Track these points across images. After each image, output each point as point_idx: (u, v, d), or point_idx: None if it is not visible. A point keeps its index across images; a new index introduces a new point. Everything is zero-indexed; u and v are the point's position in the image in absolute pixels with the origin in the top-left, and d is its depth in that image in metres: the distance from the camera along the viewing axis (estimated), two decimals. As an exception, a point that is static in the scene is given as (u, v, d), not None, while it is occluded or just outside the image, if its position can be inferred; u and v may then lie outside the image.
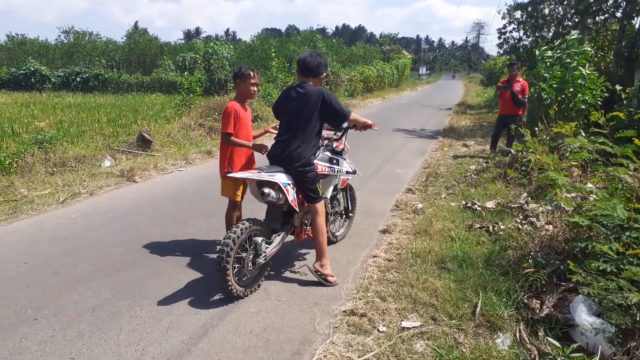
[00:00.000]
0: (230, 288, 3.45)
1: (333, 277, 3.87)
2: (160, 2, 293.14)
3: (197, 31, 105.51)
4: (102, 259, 4.32)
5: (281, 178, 3.65)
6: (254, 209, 4.91)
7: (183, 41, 47.37)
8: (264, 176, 3.59)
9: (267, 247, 3.64)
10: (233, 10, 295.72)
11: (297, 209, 3.82)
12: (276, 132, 4.08)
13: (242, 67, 4.12)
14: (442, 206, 5.74)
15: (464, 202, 5.76)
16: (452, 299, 3.50)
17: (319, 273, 3.83)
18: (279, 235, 3.84)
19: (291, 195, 3.69)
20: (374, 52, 39.26)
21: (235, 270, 3.51)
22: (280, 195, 3.66)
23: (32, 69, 25.68)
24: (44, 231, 5.08)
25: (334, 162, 4.26)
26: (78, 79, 25.72)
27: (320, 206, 3.86)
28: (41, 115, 13.15)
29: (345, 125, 4.22)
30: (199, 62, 24.02)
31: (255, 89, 4.18)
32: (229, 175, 3.73)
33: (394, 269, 4.09)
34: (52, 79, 25.86)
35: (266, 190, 3.61)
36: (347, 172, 4.44)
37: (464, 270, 3.94)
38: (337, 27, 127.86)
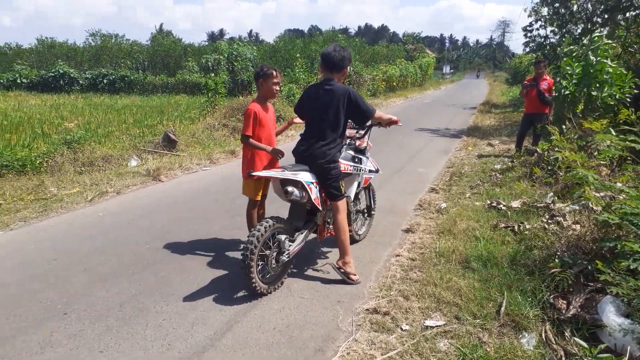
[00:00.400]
0: (254, 285, 3.48)
1: (356, 275, 3.87)
2: (184, 5, 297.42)
3: (221, 33, 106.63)
4: (129, 256, 4.41)
5: (305, 176, 3.67)
6: (277, 207, 4.94)
7: (207, 43, 47.94)
8: (288, 175, 3.62)
9: (290, 245, 3.66)
10: (256, 12, 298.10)
11: (320, 208, 3.83)
12: (300, 121, 4.11)
13: (264, 67, 4.15)
14: (466, 205, 5.68)
15: (488, 202, 5.69)
16: (476, 298, 3.46)
17: (342, 270, 3.84)
18: (302, 233, 3.85)
19: (314, 193, 3.70)
20: (396, 52, 39.06)
21: (259, 267, 3.55)
22: (304, 193, 3.67)
23: (61, 72, 26.32)
24: (72, 229, 5.21)
25: (357, 160, 4.26)
26: (105, 81, 26.27)
27: (342, 204, 3.86)
28: (70, 117, 13.47)
29: (368, 123, 4.21)
30: (223, 63, 24.28)
31: (278, 88, 4.20)
32: (255, 173, 3.77)
33: (417, 268, 4.07)
34: (80, 81, 26.46)
35: (289, 188, 3.63)
36: (370, 171, 4.44)
37: (488, 269, 3.89)
38: (359, 27, 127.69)
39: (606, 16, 13.81)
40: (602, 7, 13.82)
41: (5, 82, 26.12)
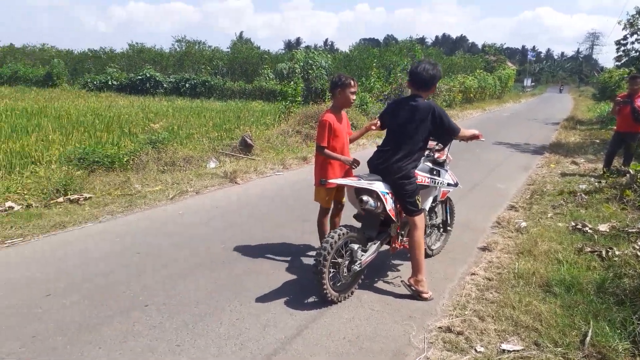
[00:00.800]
0: (325, 292, 3.48)
1: (428, 293, 3.76)
2: (264, 14, 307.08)
3: (298, 41, 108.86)
4: (205, 254, 4.57)
5: (380, 187, 3.63)
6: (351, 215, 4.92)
7: (283, 51, 49.16)
8: (363, 184, 3.60)
9: (362, 255, 3.63)
10: (333, 21, 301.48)
11: (395, 219, 3.77)
12: (375, 129, 4.09)
13: (342, 76, 4.15)
14: (548, 226, 5.37)
15: (572, 224, 5.35)
16: (558, 325, 3.25)
17: (413, 288, 3.75)
18: (374, 243, 3.81)
19: (389, 204, 3.65)
20: (475, 62, 37.98)
21: (331, 274, 3.55)
22: (379, 203, 3.63)
23: (148, 75, 28.01)
24: (154, 224, 5.49)
25: (435, 173, 4.16)
26: (187, 85, 27.62)
27: (419, 220, 3.77)
28: (154, 118, 14.27)
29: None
30: (297, 71, 24.75)
31: (354, 97, 4.20)
32: (331, 181, 3.78)
33: (494, 288, 3.89)
34: (164, 85, 28.01)
35: (364, 197, 3.61)
36: (449, 184, 4.31)
37: (572, 295, 3.65)
38: (436, 37, 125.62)
39: None
40: None
41: (98, 83, 28.21)
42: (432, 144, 4.23)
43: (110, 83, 28.26)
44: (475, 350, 3.01)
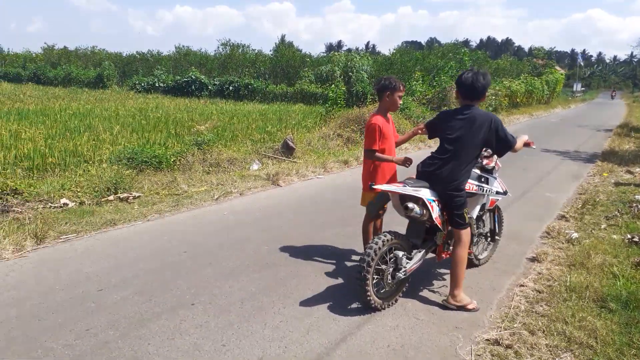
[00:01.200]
0: (368, 298, 3.45)
1: (472, 303, 3.66)
2: (306, 17, 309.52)
3: (339, 44, 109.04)
4: (249, 255, 4.62)
5: (426, 194, 3.55)
6: (399, 222, 4.87)
7: (325, 54, 49.30)
8: (409, 190, 3.54)
9: (407, 262, 3.58)
10: (375, 24, 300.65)
11: (441, 227, 3.69)
12: (421, 132, 4.05)
13: (391, 79, 4.12)
14: (602, 238, 5.15)
15: (629, 236, 5.10)
16: (614, 342, 3.10)
17: (451, 306, 3.66)
18: (419, 251, 3.74)
19: (436, 212, 3.57)
20: (521, 66, 36.96)
21: (375, 281, 3.51)
22: (424, 211, 3.56)
23: (193, 78, 28.67)
24: (200, 224, 5.60)
25: (483, 180, 4.04)
26: (230, 88, 28.10)
27: (465, 234, 3.67)
28: (199, 119, 14.59)
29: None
30: (338, 74, 24.75)
31: (401, 101, 4.17)
32: (374, 187, 3.74)
33: (544, 301, 3.75)
34: (209, 87, 28.59)
35: (410, 205, 3.55)
36: (497, 193, 4.19)
37: (629, 312, 3.48)
38: (481, 40, 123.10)
39: None
40: None
41: (145, 85, 29.11)
42: None
43: (157, 85, 29.09)
44: (525, 365, 2.91)
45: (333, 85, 16.54)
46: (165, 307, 3.57)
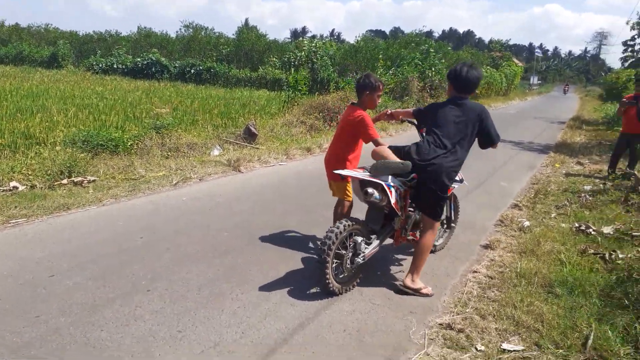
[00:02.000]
0: (327, 282, 3.48)
1: (426, 287, 3.76)
2: (271, 1, 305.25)
3: (304, 30, 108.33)
4: (208, 242, 4.58)
5: (385, 179, 3.60)
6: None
7: (290, 40, 48.87)
8: (369, 176, 3.58)
9: (366, 248, 3.63)
10: (341, 11, 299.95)
11: (399, 212, 3.75)
12: (385, 119, 4.30)
13: (372, 78, 4.07)
14: (551, 226, 5.37)
15: (576, 225, 5.34)
16: (559, 326, 3.25)
17: (409, 290, 3.74)
18: (378, 237, 3.80)
19: (394, 197, 3.61)
20: (481, 58, 37.74)
21: (334, 266, 3.55)
22: (383, 196, 3.61)
23: (154, 60, 27.88)
24: (158, 210, 5.49)
25: None
26: (192, 71, 27.49)
27: (436, 225, 3.78)
28: (159, 103, 14.22)
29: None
30: (303, 60, 24.58)
31: (379, 100, 4.18)
32: (337, 171, 3.76)
33: (496, 287, 3.89)
34: (170, 70, 27.89)
35: (369, 190, 3.58)
36: (454, 181, 4.28)
37: (574, 297, 3.65)
38: (443, 31, 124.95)
39: None
40: None
41: (103, 66, 28.11)
42: None
43: (115, 66, 28.15)
44: (476, 349, 3.02)
45: (293, 71, 16.45)
46: (120, 293, 3.50)
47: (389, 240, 4.07)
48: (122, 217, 5.16)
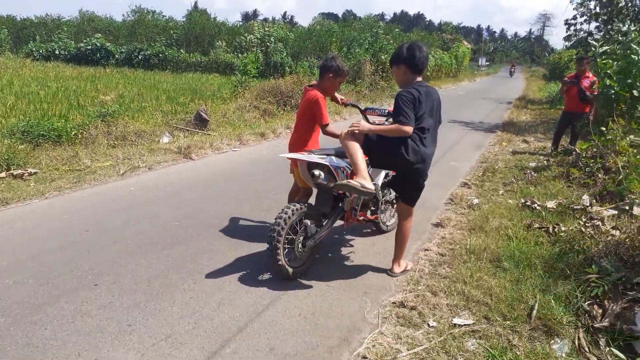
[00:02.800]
0: (280, 268, 3.47)
1: (408, 263, 3.95)
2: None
3: (255, 13, 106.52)
4: (158, 232, 4.45)
5: (331, 160, 3.58)
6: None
7: (241, 23, 47.88)
8: (314, 158, 3.55)
9: (316, 230, 3.62)
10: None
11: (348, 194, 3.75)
12: (340, 103, 4.29)
13: (338, 62, 3.96)
14: (499, 203, 5.54)
15: (522, 200, 5.54)
16: (507, 299, 3.37)
17: (399, 274, 3.84)
18: (328, 219, 3.80)
19: (341, 178, 3.60)
20: (432, 40, 38.29)
21: (286, 251, 3.53)
22: (331, 178, 3.59)
23: (98, 45, 26.69)
24: (104, 201, 5.29)
25: None
26: (140, 56, 26.52)
27: (413, 210, 3.81)
28: (105, 90, 13.66)
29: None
30: (256, 44, 24.17)
31: (339, 87, 4.13)
32: (282, 155, 3.72)
33: (447, 264, 3.99)
34: (116, 55, 26.79)
35: (316, 172, 3.55)
36: None
37: (520, 270, 3.79)
38: (395, 14, 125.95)
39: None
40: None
41: (44, 52, 26.67)
42: (381, 119, 4.22)
43: (57, 53, 26.77)
44: (428, 325, 3.09)
45: (244, 55, 16.18)
46: (65, 289, 3.36)
47: (340, 223, 4.07)
48: (67, 210, 4.95)
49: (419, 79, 3.54)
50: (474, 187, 6.40)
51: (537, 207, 5.27)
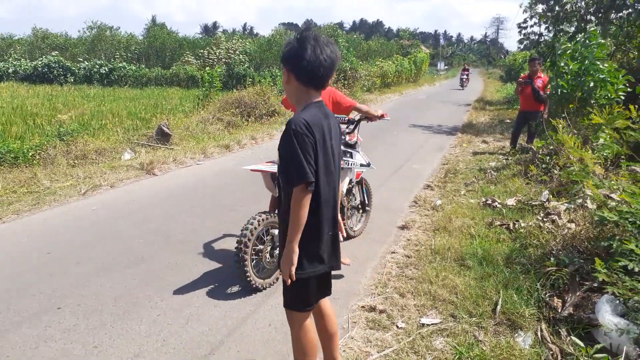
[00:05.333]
0: (249, 279, 3.47)
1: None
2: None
3: (215, 25, 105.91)
4: (123, 251, 4.37)
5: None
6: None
7: (201, 35, 47.57)
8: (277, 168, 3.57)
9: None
10: (252, 5, 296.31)
11: None
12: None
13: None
14: (461, 203, 5.69)
15: (483, 199, 5.70)
16: (471, 296, 3.47)
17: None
18: None
19: None
20: (391, 47, 38.97)
21: (254, 262, 3.53)
22: None
23: (55, 62, 26.02)
24: (66, 222, 5.16)
25: (348, 155, 4.23)
26: (99, 73, 26.00)
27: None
28: (63, 108, 13.33)
29: (357, 117, 4.25)
30: (219, 56, 24.09)
31: None
32: (246, 167, 3.74)
33: (413, 265, 4.07)
34: (74, 73, 26.19)
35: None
36: (361, 165, 4.40)
37: (484, 267, 3.90)
38: (354, 22, 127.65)
39: (600, 15, 13.83)
40: (596, 5, 13.84)
41: (-4, 72, 25.85)
42: (342, 127, 4.29)
43: (11, 72, 25.95)
44: (397, 326, 3.14)
45: (208, 68, 16.10)
46: (27, 314, 3.26)
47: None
48: (26, 233, 4.80)
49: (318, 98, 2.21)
50: (437, 189, 6.55)
51: (498, 205, 5.44)
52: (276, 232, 3.58)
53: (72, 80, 25.69)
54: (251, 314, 3.32)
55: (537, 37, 16.57)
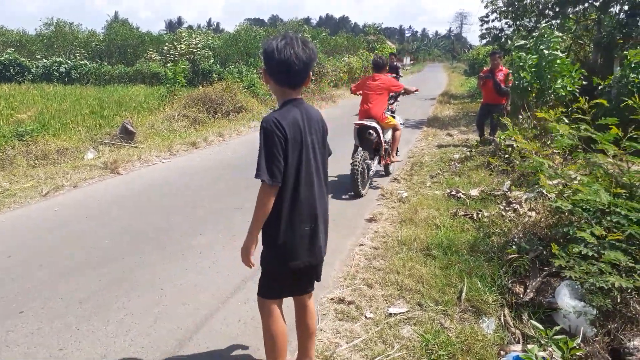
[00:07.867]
0: (359, 189, 5.69)
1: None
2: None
3: (179, 21, 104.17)
4: (88, 251, 4.28)
5: (377, 124, 6.17)
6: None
7: (165, 31, 46.67)
8: (366, 122, 6.15)
9: (373, 165, 6.21)
10: (219, 1, 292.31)
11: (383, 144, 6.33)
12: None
13: (385, 60, 6.92)
14: (427, 195, 5.80)
15: (448, 191, 5.83)
16: (437, 285, 3.55)
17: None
18: (374, 160, 6.32)
19: (381, 135, 6.20)
20: (357, 42, 39.14)
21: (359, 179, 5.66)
22: (375, 135, 6.12)
23: (11, 60, 25.09)
24: (27, 224, 5.02)
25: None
26: (59, 71, 25.22)
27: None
28: (21, 107, 12.90)
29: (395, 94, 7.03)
30: (184, 52, 23.70)
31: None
32: (356, 122, 6.25)
33: (380, 256, 4.13)
34: (33, 70, 25.32)
35: (370, 130, 6.11)
36: (400, 123, 7.01)
37: (449, 256, 3.99)
38: (320, 17, 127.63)
39: (557, 9, 14.26)
40: (553, 0, 14.27)
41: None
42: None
43: (-38, 70, 24.88)
44: (365, 317, 3.19)
45: (170, 64, 15.84)
46: (-14, 321, 3.17)
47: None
48: (-16, 237, 4.64)
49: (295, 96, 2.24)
50: (403, 182, 6.65)
51: (462, 196, 5.57)
52: (369, 161, 6.08)
53: (30, 78, 24.83)
54: (220, 310, 3.32)
55: (498, 31, 16.95)
